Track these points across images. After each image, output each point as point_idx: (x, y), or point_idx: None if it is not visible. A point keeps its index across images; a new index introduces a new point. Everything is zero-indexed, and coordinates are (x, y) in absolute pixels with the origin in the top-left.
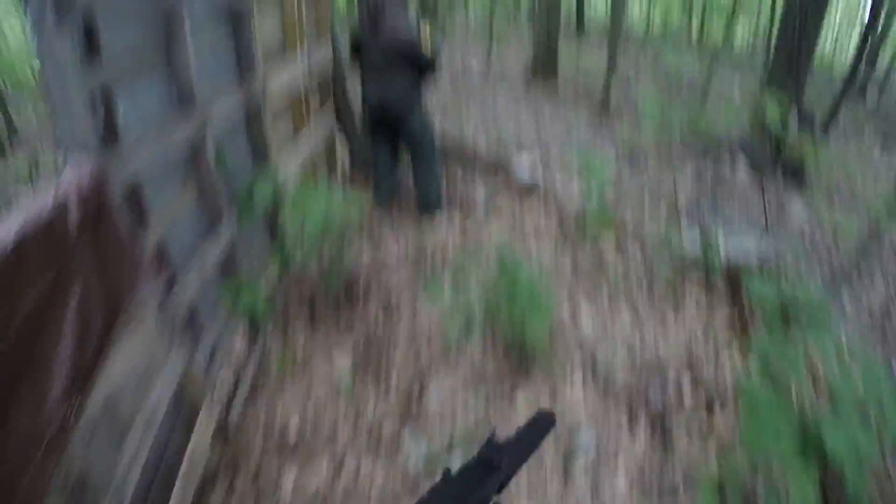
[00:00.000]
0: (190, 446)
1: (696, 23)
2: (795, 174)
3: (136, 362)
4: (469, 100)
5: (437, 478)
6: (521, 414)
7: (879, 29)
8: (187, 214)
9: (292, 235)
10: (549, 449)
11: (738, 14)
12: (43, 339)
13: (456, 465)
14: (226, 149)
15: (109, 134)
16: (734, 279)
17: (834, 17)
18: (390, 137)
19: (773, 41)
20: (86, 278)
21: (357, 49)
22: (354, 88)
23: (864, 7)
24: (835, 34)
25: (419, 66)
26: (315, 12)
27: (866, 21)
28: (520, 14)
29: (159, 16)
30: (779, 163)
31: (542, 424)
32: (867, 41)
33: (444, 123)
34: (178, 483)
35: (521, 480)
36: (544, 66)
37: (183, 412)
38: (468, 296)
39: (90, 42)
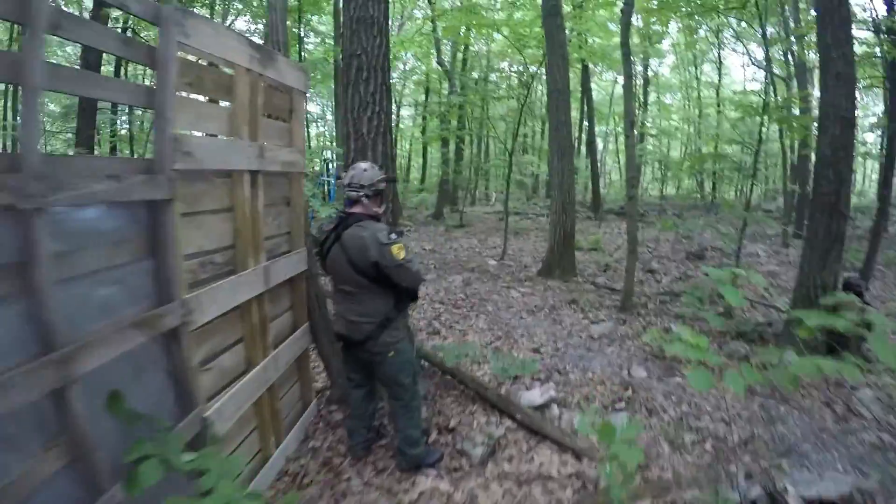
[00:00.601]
0: None
1: (707, 186)
2: (854, 355)
3: None
4: (478, 307)
5: None
6: None
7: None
8: (50, 488)
9: None
10: None
11: (753, 179)
12: None
13: None
14: (127, 396)
15: None
16: None
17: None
18: (363, 370)
19: (785, 196)
20: None
21: (325, 261)
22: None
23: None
24: None
25: (394, 289)
26: (288, 215)
27: (884, 161)
28: (538, 197)
29: (8, 229)
30: (834, 347)
31: None
32: (888, 182)
33: (447, 338)
34: None
35: None
36: (561, 262)
37: None
38: None
39: None
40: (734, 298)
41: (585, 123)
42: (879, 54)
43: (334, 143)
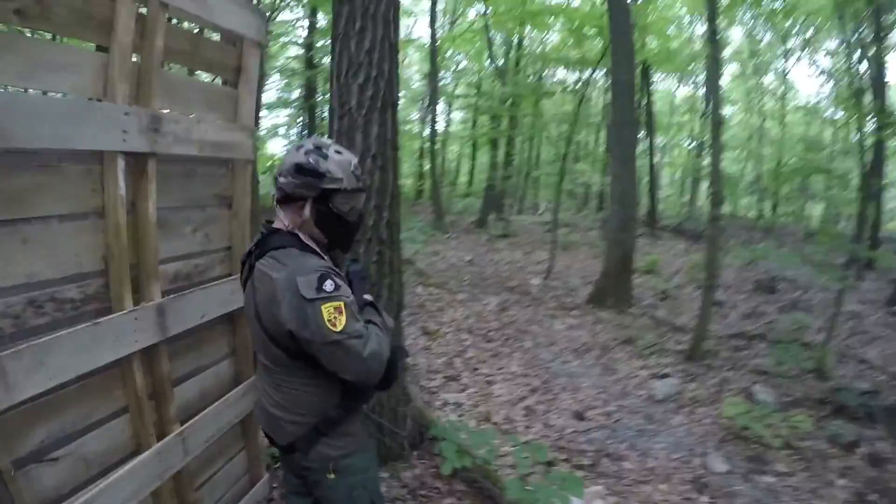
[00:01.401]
0: None
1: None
2: None
3: None
4: (514, 341)
5: None
6: None
7: None
8: None
9: None
10: None
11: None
12: None
13: None
14: None
15: None
16: None
17: None
18: (301, 476)
19: (860, 221)
20: None
21: None
22: None
23: None
24: None
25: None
26: (227, 222)
27: None
28: (589, 209)
29: None
30: None
31: None
32: None
33: (467, 388)
34: None
35: None
36: (616, 288)
37: None
38: None
39: None
40: None
41: (643, 131)
42: None
43: None
